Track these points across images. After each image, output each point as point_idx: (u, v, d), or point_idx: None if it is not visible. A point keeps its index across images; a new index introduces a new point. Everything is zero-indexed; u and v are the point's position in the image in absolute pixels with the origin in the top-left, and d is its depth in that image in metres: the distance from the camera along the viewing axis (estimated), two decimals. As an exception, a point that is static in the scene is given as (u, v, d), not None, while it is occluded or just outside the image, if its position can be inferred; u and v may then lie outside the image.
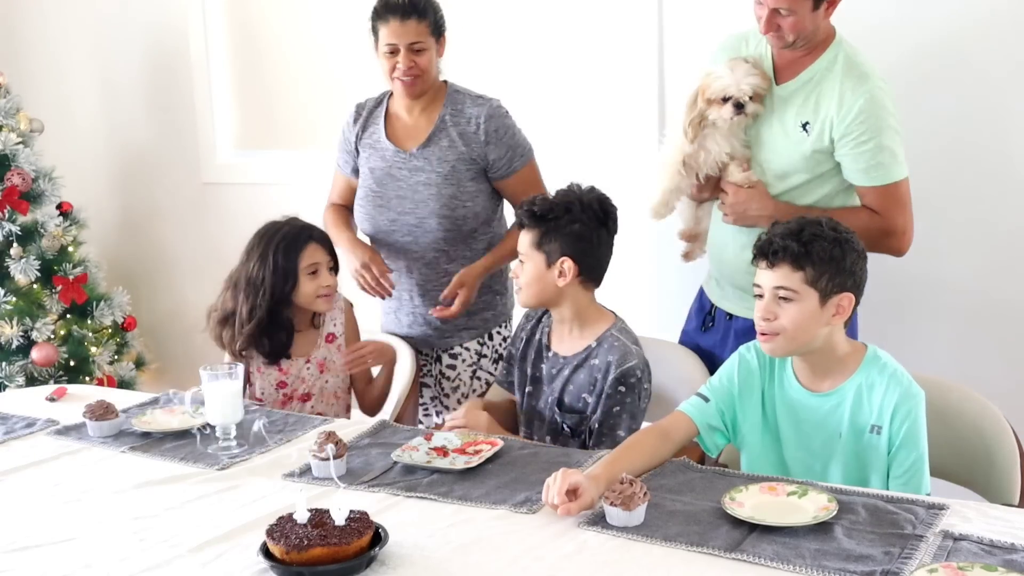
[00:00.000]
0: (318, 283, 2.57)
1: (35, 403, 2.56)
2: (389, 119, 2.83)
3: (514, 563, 1.60)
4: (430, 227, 2.72)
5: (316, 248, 2.59)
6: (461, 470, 1.96)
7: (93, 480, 2.03)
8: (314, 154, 3.95)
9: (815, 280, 1.91)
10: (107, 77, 4.33)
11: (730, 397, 2.06)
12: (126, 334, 4.03)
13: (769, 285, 1.95)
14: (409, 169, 2.75)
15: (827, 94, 2.30)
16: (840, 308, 1.94)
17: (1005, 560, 1.51)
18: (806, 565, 1.53)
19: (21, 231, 3.75)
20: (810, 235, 1.93)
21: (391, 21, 2.69)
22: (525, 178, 2.76)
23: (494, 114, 2.73)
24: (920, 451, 1.92)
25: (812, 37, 2.30)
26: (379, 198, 2.78)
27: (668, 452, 2.00)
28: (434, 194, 2.71)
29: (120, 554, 1.69)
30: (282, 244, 2.56)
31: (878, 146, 2.27)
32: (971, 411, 2.10)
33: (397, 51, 2.68)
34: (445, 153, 2.72)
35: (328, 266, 2.60)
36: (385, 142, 2.79)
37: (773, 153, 2.38)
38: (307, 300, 2.57)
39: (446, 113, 2.75)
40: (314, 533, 1.58)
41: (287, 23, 3.90)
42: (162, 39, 4.14)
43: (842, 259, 1.93)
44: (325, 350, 2.64)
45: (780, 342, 1.95)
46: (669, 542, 1.63)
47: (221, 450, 2.13)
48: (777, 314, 1.94)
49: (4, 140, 3.75)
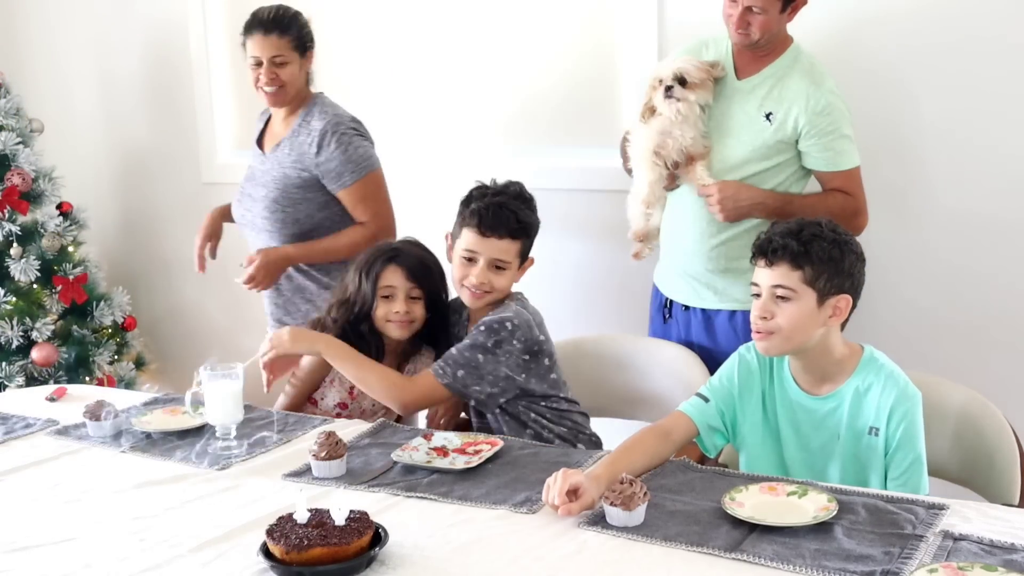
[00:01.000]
0: (389, 307, 2.45)
1: (35, 403, 2.56)
2: (269, 121, 3.10)
3: (514, 563, 1.60)
4: (261, 226, 2.97)
5: (394, 272, 2.45)
6: (461, 470, 1.96)
7: (93, 480, 2.03)
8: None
9: (813, 280, 1.91)
10: (107, 77, 4.33)
11: (730, 397, 2.07)
12: (126, 334, 4.03)
13: (767, 284, 1.95)
14: (261, 170, 3.01)
15: (792, 88, 2.51)
16: (837, 310, 1.94)
17: (1005, 560, 1.51)
18: (806, 565, 1.53)
19: (21, 231, 3.75)
20: (810, 235, 1.93)
21: (255, 35, 2.92)
22: (355, 193, 2.90)
23: (332, 129, 2.89)
24: (917, 452, 1.92)
25: (774, 39, 2.52)
26: (239, 194, 3.07)
27: (668, 452, 2.00)
28: (263, 195, 2.95)
29: (120, 554, 1.69)
30: (367, 261, 2.50)
31: (841, 135, 2.51)
32: (971, 411, 2.10)
33: (261, 64, 2.91)
34: (282, 159, 2.94)
35: (408, 294, 2.45)
36: (256, 144, 3.09)
37: (736, 140, 2.54)
38: (379, 323, 2.46)
39: (298, 122, 2.95)
40: (314, 533, 1.58)
41: (287, 23, 3.90)
42: (162, 39, 4.14)
43: (841, 260, 1.93)
44: None
45: (775, 341, 1.95)
46: (669, 542, 1.63)
47: (221, 450, 2.13)
48: (774, 313, 1.93)
49: (4, 140, 3.75)
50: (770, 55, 2.55)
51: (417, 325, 2.48)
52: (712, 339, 2.63)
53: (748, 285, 2.53)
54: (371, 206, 2.90)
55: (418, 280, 2.46)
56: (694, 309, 2.67)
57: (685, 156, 2.53)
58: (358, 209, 2.90)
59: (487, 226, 2.33)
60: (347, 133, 2.90)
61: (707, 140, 2.55)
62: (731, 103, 2.56)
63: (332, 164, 2.86)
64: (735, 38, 2.52)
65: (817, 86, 2.49)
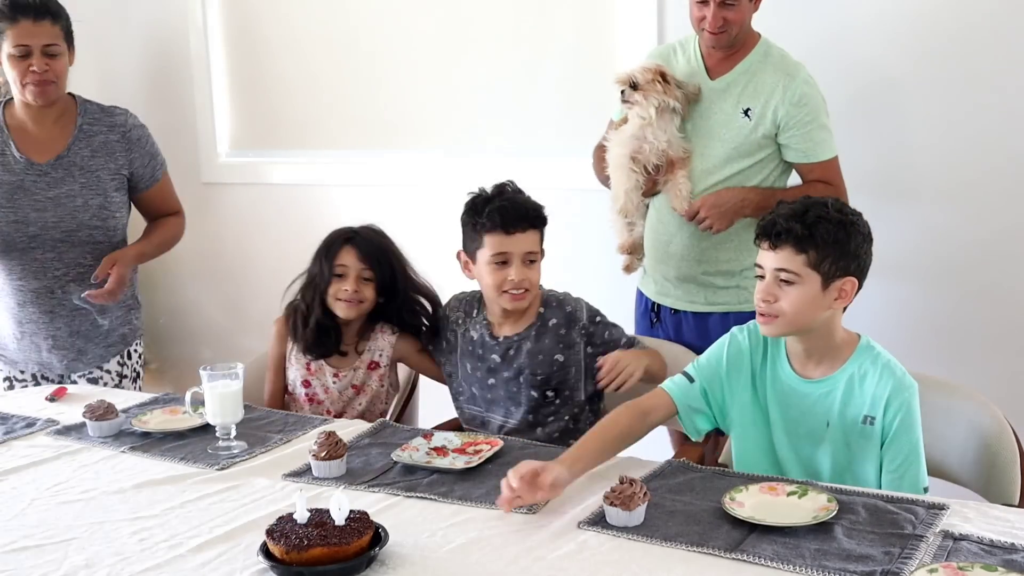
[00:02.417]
0: (340, 286, 2.51)
1: (35, 403, 2.56)
2: (13, 131, 2.75)
3: (514, 563, 1.60)
4: (79, 239, 2.72)
5: (349, 252, 2.53)
6: (461, 470, 1.96)
7: (93, 480, 2.03)
8: (314, 154, 3.95)
9: (818, 263, 1.88)
10: (107, 77, 4.32)
11: (717, 378, 2.04)
12: (126, 334, 4.03)
13: (771, 267, 1.92)
14: (47, 182, 2.70)
15: (766, 82, 2.52)
16: (843, 292, 1.91)
17: (1005, 560, 1.51)
18: (806, 565, 1.53)
19: (21, 231, 3.74)
20: (815, 217, 1.89)
21: (22, 22, 2.61)
22: (165, 187, 2.90)
23: (135, 123, 2.82)
24: (914, 442, 1.90)
25: (744, 34, 2.53)
26: (12, 213, 2.70)
27: (644, 430, 2.00)
28: (80, 206, 2.71)
29: (120, 554, 1.69)
30: (326, 243, 2.57)
31: (820, 126, 2.52)
32: (971, 411, 2.10)
33: (29, 54, 2.62)
34: (88, 163, 2.73)
35: (359, 275, 2.51)
36: (16, 155, 2.71)
37: (718, 141, 2.55)
38: (330, 301, 2.53)
39: (83, 123, 2.76)
40: (314, 533, 1.58)
41: (287, 23, 3.90)
42: (162, 39, 4.14)
43: (847, 242, 1.89)
44: (366, 375, 2.58)
45: (779, 324, 1.93)
46: (669, 542, 1.63)
47: (221, 450, 2.13)
48: (777, 296, 1.90)
49: (4, 140, 3.74)
50: (740, 51, 2.56)
51: (366, 307, 2.54)
52: (705, 340, 2.63)
53: (740, 289, 2.55)
54: (174, 191, 2.94)
55: (370, 262, 2.53)
56: (685, 313, 2.67)
57: (665, 160, 2.54)
58: (171, 199, 2.93)
59: (510, 223, 2.30)
60: (144, 127, 2.87)
61: (687, 144, 2.56)
62: (707, 104, 2.57)
63: (145, 159, 2.83)
64: (709, 40, 2.52)
65: (792, 77, 2.50)
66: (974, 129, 2.81)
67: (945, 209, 2.87)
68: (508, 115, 3.51)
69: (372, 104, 3.77)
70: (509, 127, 3.52)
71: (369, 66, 3.74)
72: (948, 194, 2.87)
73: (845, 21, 2.92)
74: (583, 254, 3.37)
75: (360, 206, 3.83)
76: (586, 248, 3.32)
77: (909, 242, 2.92)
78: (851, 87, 2.89)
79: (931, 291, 2.92)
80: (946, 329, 2.91)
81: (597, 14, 3.30)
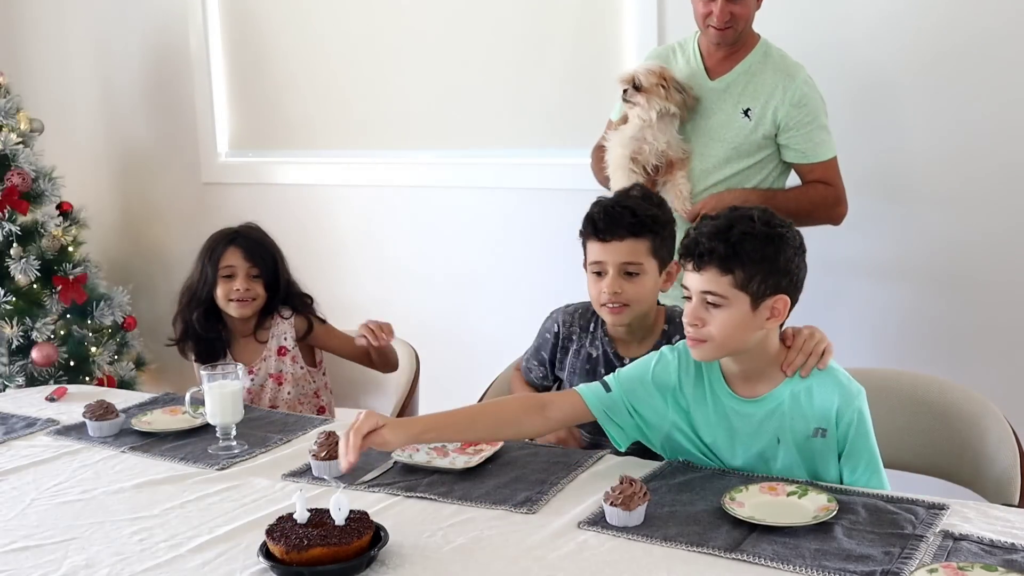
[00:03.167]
0: (230, 286, 2.57)
1: (35, 403, 2.56)
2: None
3: (514, 563, 1.60)
4: None
5: (234, 252, 2.59)
6: (461, 470, 1.96)
7: (93, 480, 2.03)
8: (314, 154, 3.95)
9: (745, 283, 1.75)
10: (107, 77, 4.33)
11: (638, 393, 1.91)
12: (126, 334, 4.04)
13: (696, 289, 1.79)
14: None
15: (766, 82, 2.53)
16: (775, 311, 1.79)
17: (1005, 560, 1.50)
18: (806, 565, 1.53)
19: (21, 231, 3.75)
20: (740, 233, 1.75)
21: None
22: None
23: None
24: (871, 449, 1.82)
25: (746, 31, 2.54)
26: None
27: (538, 425, 1.92)
28: None
29: (120, 554, 1.69)
30: (208, 246, 2.62)
31: (819, 126, 2.54)
32: (971, 411, 2.10)
33: None
34: None
35: (247, 273, 2.58)
36: None
37: (718, 141, 2.55)
38: (222, 303, 2.59)
39: None
40: (314, 533, 1.58)
41: (287, 23, 3.90)
42: (162, 39, 4.15)
43: (775, 258, 1.76)
44: (279, 363, 2.64)
45: (708, 348, 1.80)
46: (669, 542, 1.63)
47: (221, 450, 2.13)
48: (705, 320, 1.78)
49: (4, 140, 3.75)
50: (740, 52, 2.57)
51: (259, 303, 2.61)
52: None
53: None
54: None
55: (255, 260, 2.59)
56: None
57: (664, 160, 2.54)
58: None
59: (603, 229, 2.09)
60: None
61: (686, 145, 2.56)
62: (707, 104, 2.57)
63: None
64: (715, 37, 2.52)
65: (792, 78, 2.52)
66: (973, 130, 2.81)
67: (944, 210, 2.87)
68: (508, 115, 3.51)
69: (372, 104, 3.77)
70: (509, 127, 3.52)
71: (369, 66, 3.74)
72: (947, 195, 2.87)
73: (844, 23, 2.92)
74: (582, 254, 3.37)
75: (360, 206, 3.84)
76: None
77: (908, 242, 2.92)
78: (850, 89, 2.89)
79: (930, 291, 2.92)
80: (945, 329, 2.91)
81: (598, 15, 3.30)
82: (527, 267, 3.55)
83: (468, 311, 3.71)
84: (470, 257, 3.68)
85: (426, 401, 2.80)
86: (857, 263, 2.99)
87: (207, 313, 2.61)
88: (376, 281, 3.81)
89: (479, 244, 3.65)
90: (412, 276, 3.79)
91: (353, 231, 3.86)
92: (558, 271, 3.42)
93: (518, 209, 3.54)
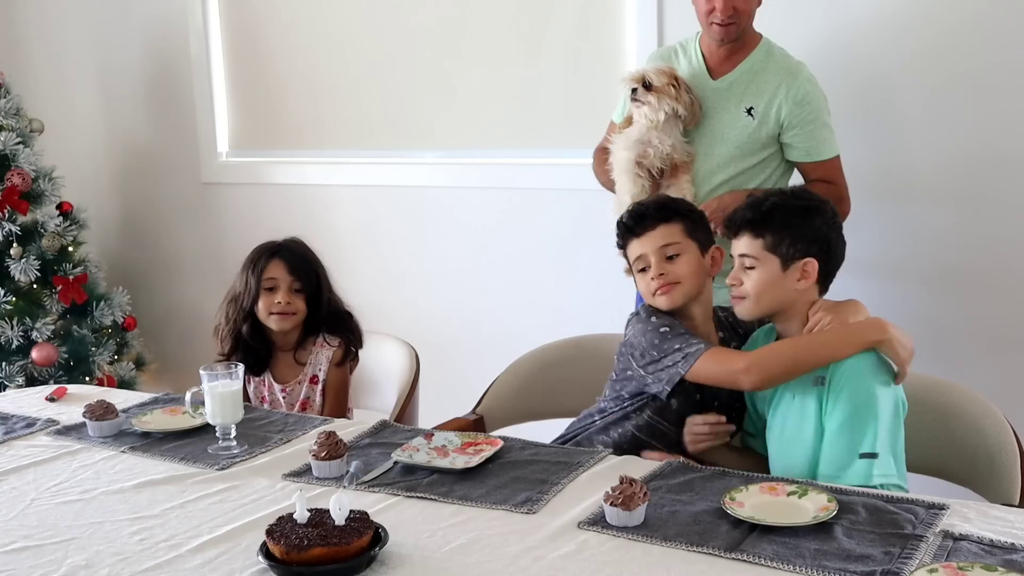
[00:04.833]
0: (271, 299, 2.56)
1: (35, 403, 2.56)
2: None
3: (514, 563, 1.60)
4: None
5: (277, 265, 2.57)
6: (461, 470, 1.96)
7: (93, 480, 2.03)
8: (314, 154, 3.95)
9: (775, 246, 2.00)
10: (107, 77, 4.33)
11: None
12: (126, 334, 4.04)
13: (736, 253, 2.06)
14: None
15: (769, 81, 2.54)
16: (804, 272, 2.01)
17: (1005, 560, 1.50)
18: (806, 565, 1.53)
19: (21, 231, 3.75)
20: (771, 204, 2.03)
21: None
22: None
23: None
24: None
25: (748, 28, 2.55)
26: None
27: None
28: None
29: (120, 554, 1.69)
30: (252, 258, 2.60)
31: (822, 125, 2.55)
32: (972, 411, 2.10)
33: None
34: None
35: (289, 286, 2.57)
36: None
37: (722, 141, 2.56)
38: (262, 316, 2.58)
39: None
40: (314, 533, 1.58)
41: (287, 23, 3.91)
42: (162, 39, 4.15)
43: (803, 225, 2.01)
44: (308, 390, 2.62)
45: (747, 305, 2.05)
46: (669, 542, 1.63)
47: (221, 450, 2.13)
48: (742, 280, 2.04)
49: (4, 140, 3.75)
50: (742, 51, 2.57)
51: (299, 318, 2.59)
52: None
53: None
54: None
55: (298, 274, 2.57)
56: None
57: (669, 163, 2.54)
58: None
59: (636, 224, 2.20)
60: None
61: (690, 147, 2.56)
62: (711, 104, 2.58)
63: None
64: (718, 33, 2.52)
65: (794, 76, 2.53)
66: (974, 129, 2.81)
67: (945, 209, 2.88)
68: (508, 116, 3.51)
69: (372, 104, 3.77)
70: (509, 128, 3.52)
71: (369, 66, 3.74)
72: (948, 194, 2.87)
73: (844, 21, 2.92)
74: (583, 254, 3.37)
75: (360, 206, 3.84)
76: (586, 248, 3.32)
77: (909, 242, 2.92)
78: (851, 88, 2.90)
79: (931, 291, 2.92)
80: (946, 329, 2.91)
81: (598, 15, 3.30)
82: (527, 267, 3.55)
83: (468, 311, 3.71)
84: (470, 257, 3.68)
85: (426, 401, 2.80)
86: (857, 263, 2.98)
87: (254, 325, 2.58)
88: (376, 281, 3.81)
89: (479, 244, 3.65)
90: (412, 276, 3.79)
91: (353, 231, 3.86)
92: (558, 271, 3.43)
93: (518, 209, 3.54)
